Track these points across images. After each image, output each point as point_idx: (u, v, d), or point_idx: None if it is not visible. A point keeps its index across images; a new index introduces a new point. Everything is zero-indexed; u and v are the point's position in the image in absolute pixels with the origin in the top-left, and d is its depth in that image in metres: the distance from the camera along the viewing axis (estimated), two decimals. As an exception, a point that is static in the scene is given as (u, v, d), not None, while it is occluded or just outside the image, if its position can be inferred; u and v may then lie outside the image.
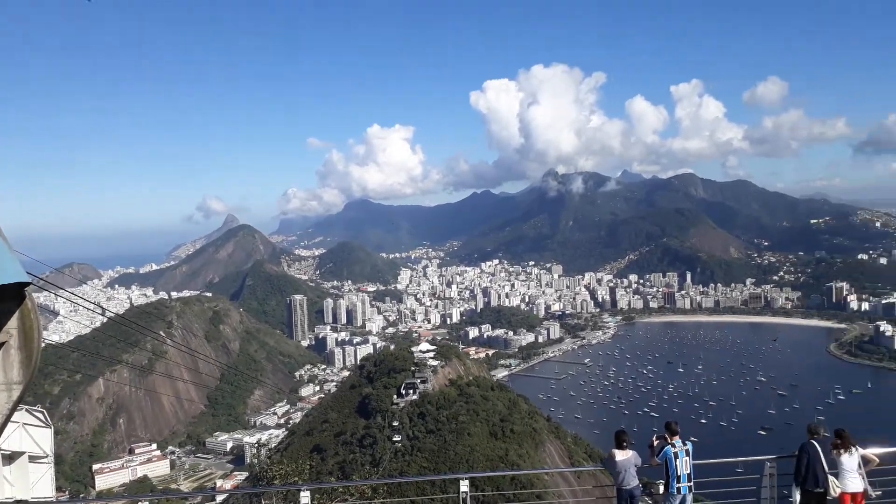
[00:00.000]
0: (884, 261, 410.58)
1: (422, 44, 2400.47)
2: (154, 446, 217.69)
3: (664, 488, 13.38)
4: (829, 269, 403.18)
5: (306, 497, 12.63)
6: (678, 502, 13.36)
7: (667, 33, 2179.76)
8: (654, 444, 13.62)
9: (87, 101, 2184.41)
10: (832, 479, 13.52)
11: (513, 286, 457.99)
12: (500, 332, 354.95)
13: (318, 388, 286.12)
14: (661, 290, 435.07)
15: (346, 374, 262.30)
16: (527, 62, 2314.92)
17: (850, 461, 13.59)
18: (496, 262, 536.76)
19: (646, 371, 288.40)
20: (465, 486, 13.13)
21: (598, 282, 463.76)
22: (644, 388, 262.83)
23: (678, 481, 13.27)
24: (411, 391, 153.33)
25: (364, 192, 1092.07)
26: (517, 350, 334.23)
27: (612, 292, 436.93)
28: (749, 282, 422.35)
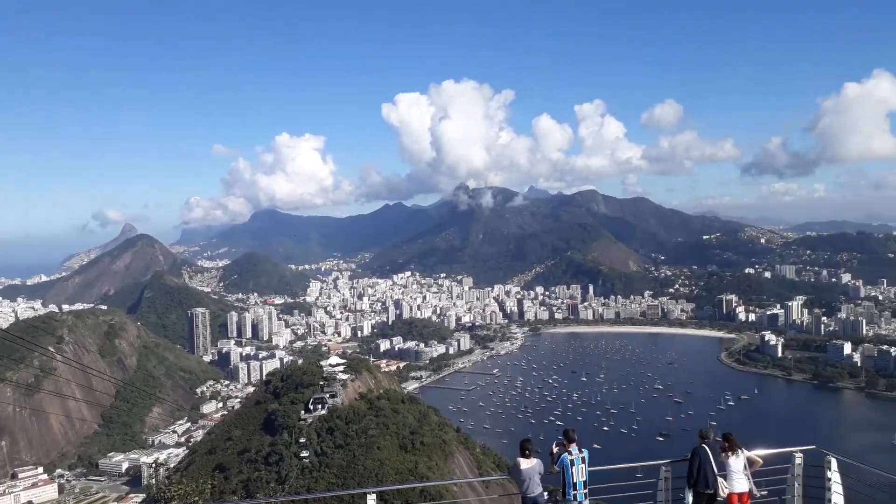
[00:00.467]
0: (768, 275, 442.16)
1: (333, 53, 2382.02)
2: (40, 469, 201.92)
3: (562, 495, 13.69)
4: (720, 283, 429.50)
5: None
6: None
7: (572, 54, 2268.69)
8: (554, 451, 13.91)
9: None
10: (721, 480, 14.36)
11: (424, 298, 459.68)
12: (411, 344, 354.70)
13: (220, 404, 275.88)
14: (565, 301, 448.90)
15: (251, 389, 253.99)
16: (438, 77, 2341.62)
17: (736, 463, 14.49)
18: (408, 274, 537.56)
19: (551, 381, 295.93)
20: (372, 500, 13.01)
21: (507, 294, 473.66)
22: (550, 398, 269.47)
23: (574, 488, 13.53)
24: (320, 406, 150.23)
25: (272, 201, 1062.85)
26: (428, 362, 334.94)
27: (520, 304, 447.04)
28: (647, 294, 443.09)
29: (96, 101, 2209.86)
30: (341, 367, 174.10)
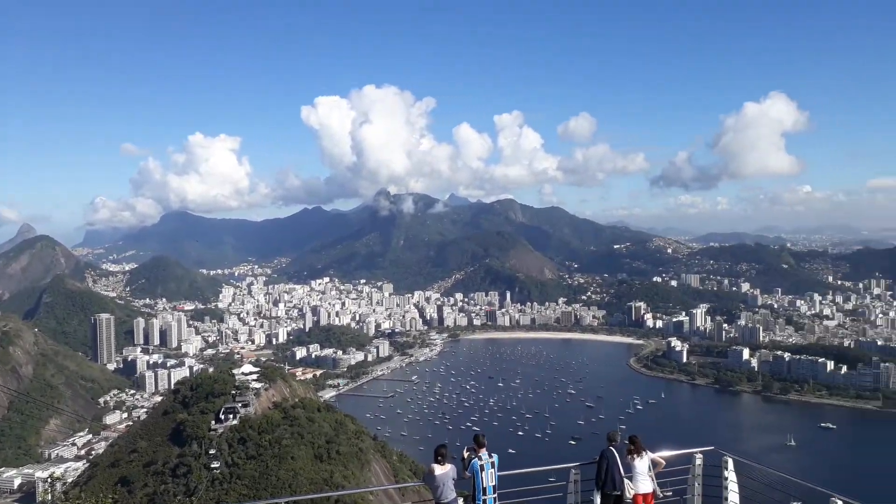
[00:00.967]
0: (674, 283, 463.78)
1: (251, 53, 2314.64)
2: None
3: (472, 500, 13.83)
4: (630, 290, 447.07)
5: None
6: None
7: (492, 64, 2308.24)
8: (465, 457, 14.03)
9: None
10: (627, 482, 14.98)
11: (343, 304, 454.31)
12: (328, 351, 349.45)
13: (125, 415, 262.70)
14: (484, 308, 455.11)
15: (158, 399, 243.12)
16: (359, 82, 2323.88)
17: (641, 465, 15.15)
18: (327, 279, 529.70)
19: (469, 386, 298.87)
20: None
21: (427, 300, 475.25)
22: (467, 403, 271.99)
23: (484, 493, 13.66)
24: (231, 416, 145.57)
25: (183, 203, 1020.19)
26: (346, 369, 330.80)
27: (440, 310, 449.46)
28: (561, 301, 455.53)
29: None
30: (254, 376, 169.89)
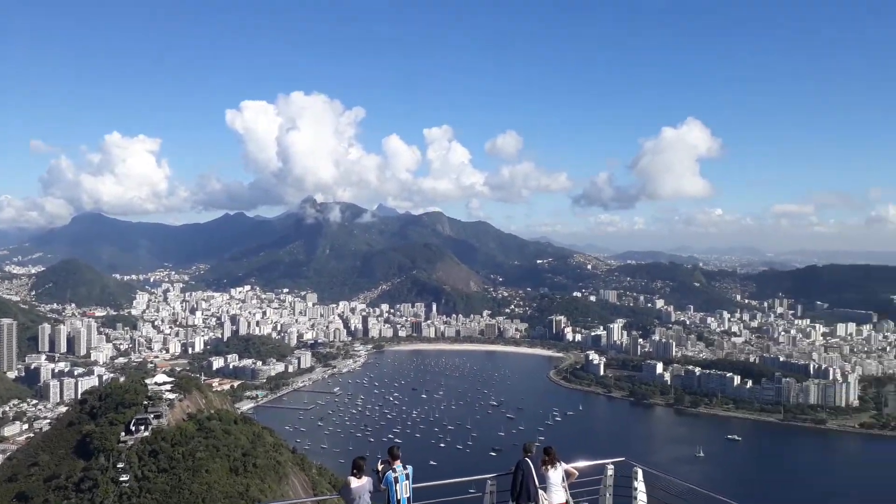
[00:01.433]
0: (593, 298, 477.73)
1: (175, 53, 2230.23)
2: None
3: None
4: (551, 304, 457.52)
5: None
6: None
7: (422, 77, 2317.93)
8: (379, 469, 14.19)
9: None
10: (541, 492, 15.54)
11: (265, 314, 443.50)
12: (247, 362, 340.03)
13: (26, 426, 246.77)
14: (409, 319, 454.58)
15: (63, 409, 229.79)
16: (286, 88, 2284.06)
17: (555, 475, 15.75)
18: (248, 288, 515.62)
19: (392, 398, 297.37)
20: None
21: (352, 311, 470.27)
22: (390, 416, 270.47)
23: None
24: (143, 427, 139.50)
25: (97, 205, 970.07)
26: (266, 380, 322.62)
27: (365, 321, 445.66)
28: (486, 313, 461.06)
29: None
30: (168, 386, 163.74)
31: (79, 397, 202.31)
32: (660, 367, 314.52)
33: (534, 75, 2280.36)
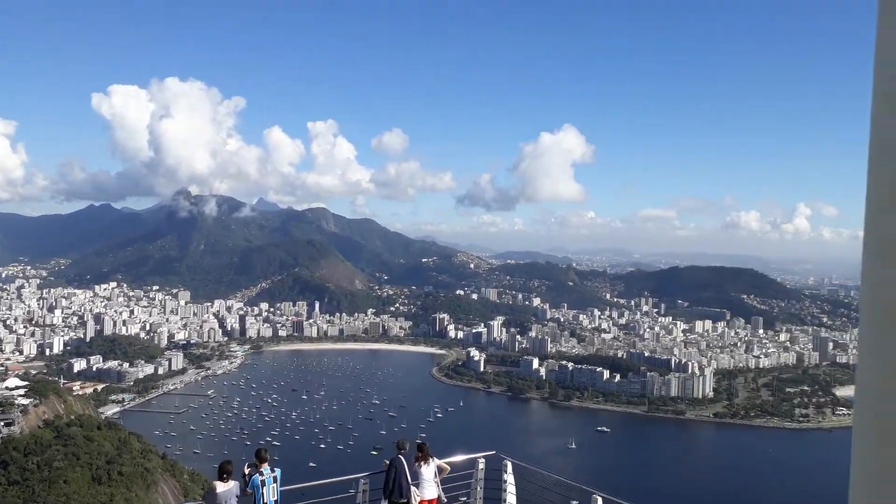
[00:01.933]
0: (475, 296, 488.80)
1: (36, 29, 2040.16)
2: None
3: None
4: (435, 302, 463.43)
5: None
6: None
7: (307, 68, 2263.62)
8: (245, 473, 14.10)
9: None
10: (414, 489, 16.00)
11: (132, 313, 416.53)
12: (113, 363, 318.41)
13: None
14: (290, 318, 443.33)
15: None
16: (160, 73, 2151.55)
17: (428, 471, 16.30)
18: (114, 284, 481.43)
19: (270, 400, 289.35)
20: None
21: (228, 309, 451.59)
22: (268, 418, 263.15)
23: None
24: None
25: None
26: (133, 383, 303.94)
27: (242, 320, 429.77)
28: (370, 312, 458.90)
29: None
30: (22, 391, 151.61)
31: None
32: (536, 363, 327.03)
33: (420, 74, 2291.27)
